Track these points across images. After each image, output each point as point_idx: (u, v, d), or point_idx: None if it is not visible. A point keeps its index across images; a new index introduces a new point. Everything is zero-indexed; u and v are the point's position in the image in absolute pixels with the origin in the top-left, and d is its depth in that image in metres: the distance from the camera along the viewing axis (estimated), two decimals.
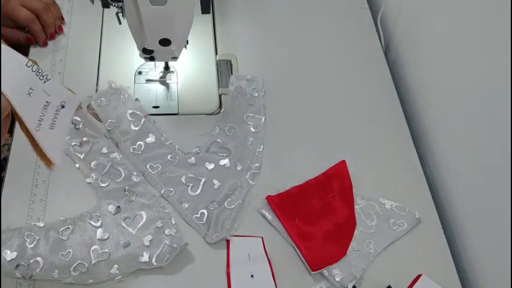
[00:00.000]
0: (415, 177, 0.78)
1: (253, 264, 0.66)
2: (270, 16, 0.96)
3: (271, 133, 0.80)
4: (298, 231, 0.69)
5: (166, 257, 0.65)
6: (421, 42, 0.87)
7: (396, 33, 0.95)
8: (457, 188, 0.77)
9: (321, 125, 0.82)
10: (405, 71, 0.92)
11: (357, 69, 0.90)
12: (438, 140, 0.82)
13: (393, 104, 0.86)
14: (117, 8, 0.72)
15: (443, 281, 0.67)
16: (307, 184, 0.74)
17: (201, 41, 0.90)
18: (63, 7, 0.89)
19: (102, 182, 0.71)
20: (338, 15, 0.97)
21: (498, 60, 0.65)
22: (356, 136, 0.81)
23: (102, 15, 0.90)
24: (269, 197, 0.72)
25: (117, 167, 0.72)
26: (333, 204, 0.73)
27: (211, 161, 0.75)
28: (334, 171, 0.76)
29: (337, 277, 0.66)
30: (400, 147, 0.81)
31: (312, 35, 0.93)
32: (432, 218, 0.74)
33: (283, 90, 0.85)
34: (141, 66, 0.85)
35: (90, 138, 0.74)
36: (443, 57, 0.80)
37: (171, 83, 0.84)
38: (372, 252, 0.69)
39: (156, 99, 0.82)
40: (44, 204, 0.68)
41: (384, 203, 0.74)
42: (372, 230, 0.71)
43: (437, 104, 0.82)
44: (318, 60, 0.90)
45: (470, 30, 0.71)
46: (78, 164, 0.72)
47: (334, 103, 0.85)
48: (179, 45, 0.73)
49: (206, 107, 0.82)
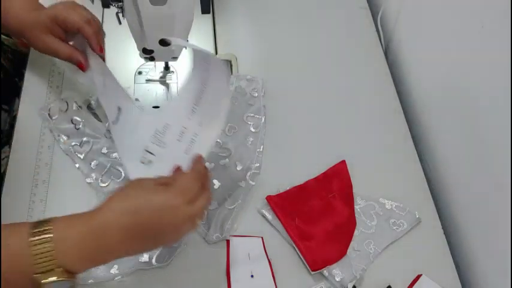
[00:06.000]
0: (415, 177, 0.78)
1: (253, 264, 0.66)
2: (270, 16, 0.96)
3: (271, 133, 0.80)
4: (298, 231, 0.69)
5: (166, 257, 0.65)
6: (421, 42, 0.87)
7: (396, 33, 0.95)
8: (457, 188, 0.77)
9: (321, 125, 0.82)
10: (405, 71, 0.92)
11: (357, 69, 0.90)
12: (438, 140, 0.82)
13: (393, 104, 0.86)
14: (117, 8, 0.72)
15: (443, 281, 0.67)
16: (307, 184, 0.74)
17: (201, 41, 0.90)
18: None
19: (102, 182, 0.71)
20: (338, 15, 0.97)
21: (498, 60, 0.65)
22: (356, 136, 0.81)
23: (102, 15, 0.90)
24: (269, 197, 0.72)
25: (117, 167, 0.72)
26: (333, 204, 0.73)
27: (211, 161, 0.75)
28: (334, 171, 0.76)
29: (337, 277, 0.66)
30: (400, 147, 0.81)
31: (312, 35, 0.93)
32: (432, 218, 0.74)
33: (283, 90, 0.85)
34: (141, 66, 0.85)
35: (90, 138, 0.74)
36: (443, 57, 0.80)
37: (171, 83, 0.84)
38: (371, 252, 0.69)
39: (156, 99, 0.82)
40: (44, 204, 0.68)
41: (384, 203, 0.74)
42: (372, 230, 0.71)
43: (437, 104, 0.82)
44: (318, 60, 0.90)
45: (470, 30, 0.71)
46: (78, 164, 0.72)
47: (334, 103, 0.85)
48: (179, 45, 0.73)
49: None
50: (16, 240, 0.50)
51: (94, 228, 0.51)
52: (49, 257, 0.49)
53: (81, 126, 0.75)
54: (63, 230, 0.51)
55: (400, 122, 0.84)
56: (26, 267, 0.49)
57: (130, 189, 0.55)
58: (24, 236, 0.50)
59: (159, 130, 0.68)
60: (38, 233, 0.50)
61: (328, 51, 0.91)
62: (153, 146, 0.68)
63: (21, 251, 0.49)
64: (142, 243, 0.54)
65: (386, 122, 0.84)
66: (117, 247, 0.53)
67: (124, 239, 0.52)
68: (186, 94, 0.70)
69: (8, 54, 0.87)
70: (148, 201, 0.53)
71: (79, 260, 0.51)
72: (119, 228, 0.52)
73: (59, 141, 0.73)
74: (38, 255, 0.49)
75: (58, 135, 0.73)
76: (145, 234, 0.53)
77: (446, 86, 0.79)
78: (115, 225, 0.52)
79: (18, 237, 0.50)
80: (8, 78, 0.85)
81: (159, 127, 0.69)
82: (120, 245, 0.52)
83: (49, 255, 0.49)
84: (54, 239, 0.49)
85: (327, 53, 0.91)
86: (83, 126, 0.75)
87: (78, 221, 0.52)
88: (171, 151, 0.67)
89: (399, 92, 0.88)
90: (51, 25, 0.71)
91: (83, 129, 0.74)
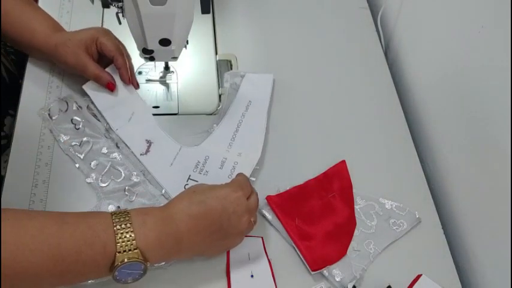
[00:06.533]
0: (415, 177, 0.78)
1: (253, 264, 0.66)
2: (270, 16, 0.96)
3: (271, 133, 0.80)
4: (298, 231, 0.69)
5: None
6: (421, 42, 0.87)
7: (396, 33, 0.95)
8: (457, 188, 0.77)
9: (321, 125, 0.82)
10: (405, 71, 0.92)
11: (357, 69, 0.90)
12: (438, 140, 0.82)
13: (393, 104, 0.86)
14: (117, 8, 0.72)
15: (443, 281, 0.67)
16: (307, 184, 0.74)
17: (201, 41, 0.90)
18: (63, 7, 0.89)
19: (102, 182, 0.71)
20: (338, 15, 0.97)
21: (498, 60, 0.65)
22: (356, 136, 0.81)
23: (102, 15, 0.90)
24: (269, 197, 0.72)
25: (117, 167, 0.72)
26: (333, 204, 0.73)
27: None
28: (334, 171, 0.76)
29: (337, 277, 0.66)
30: (400, 147, 0.81)
31: (312, 35, 0.93)
32: (432, 218, 0.74)
33: (283, 90, 0.85)
34: (141, 66, 0.85)
35: (90, 138, 0.74)
36: (443, 57, 0.80)
37: (171, 83, 0.84)
38: (371, 252, 0.69)
39: (156, 99, 0.82)
40: (44, 204, 0.68)
41: (384, 203, 0.74)
42: (372, 230, 0.71)
43: (437, 104, 0.82)
44: (318, 60, 0.90)
45: (470, 30, 0.71)
46: (78, 164, 0.72)
47: (334, 103, 0.85)
48: (179, 45, 0.73)
49: (206, 107, 0.82)
50: (99, 220, 0.54)
51: (166, 216, 0.58)
52: (129, 237, 0.53)
53: (81, 126, 0.75)
54: (141, 216, 0.56)
55: (400, 122, 0.84)
56: (106, 246, 0.53)
57: (196, 187, 0.62)
58: (106, 216, 0.55)
59: (200, 162, 0.74)
60: (118, 215, 0.55)
61: (328, 51, 0.91)
62: (196, 174, 0.73)
63: (104, 229, 0.53)
64: (209, 235, 0.59)
65: (387, 122, 0.84)
66: (186, 236, 0.58)
67: (192, 226, 0.58)
68: (222, 131, 0.77)
69: (12, 56, 0.87)
70: (213, 193, 0.61)
71: (154, 244, 0.55)
72: (188, 215, 0.58)
73: (59, 141, 0.73)
74: (119, 234, 0.53)
75: (58, 135, 0.73)
76: (211, 223, 0.59)
77: (446, 86, 0.79)
78: (185, 212, 0.58)
79: (102, 217, 0.55)
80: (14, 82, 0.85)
81: (200, 159, 0.74)
82: (188, 233, 0.58)
83: (129, 235, 0.54)
84: (133, 221, 0.55)
85: (327, 53, 0.91)
86: (82, 126, 0.75)
87: (152, 210, 0.58)
88: (214, 177, 0.72)
89: (399, 92, 0.88)
90: (90, 43, 0.74)
91: (82, 129, 0.74)
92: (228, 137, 0.77)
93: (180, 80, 0.84)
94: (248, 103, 0.81)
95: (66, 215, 0.54)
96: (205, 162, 0.74)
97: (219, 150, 0.75)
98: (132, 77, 0.78)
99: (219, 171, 0.73)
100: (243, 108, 0.80)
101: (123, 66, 0.76)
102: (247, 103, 0.81)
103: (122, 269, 0.53)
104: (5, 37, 0.75)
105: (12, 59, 0.87)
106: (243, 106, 0.80)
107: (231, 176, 0.73)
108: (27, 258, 0.49)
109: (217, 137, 0.77)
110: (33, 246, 0.49)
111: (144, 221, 0.56)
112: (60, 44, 0.73)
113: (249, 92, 0.82)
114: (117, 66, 0.76)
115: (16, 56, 0.88)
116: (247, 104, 0.80)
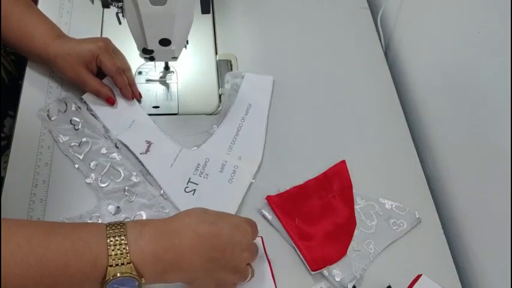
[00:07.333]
0: (415, 177, 0.78)
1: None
2: (270, 16, 0.96)
3: (271, 133, 0.80)
4: (298, 231, 0.69)
5: None
6: (421, 42, 0.87)
7: (396, 33, 0.95)
8: (457, 187, 0.77)
9: (321, 125, 0.82)
10: (405, 71, 0.92)
11: (357, 69, 0.90)
12: (438, 140, 0.82)
13: (393, 104, 0.86)
14: (117, 8, 0.72)
15: (443, 281, 0.67)
16: (307, 184, 0.74)
17: (201, 41, 0.90)
18: (63, 7, 0.89)
19: (101, 182, 0.71)
20: (338, 15, 0.97)
21: (498, 60, 0.65)
22: (356, 136, 0.81)
23: (102, 15, 0.90)
24: (269, 197, 0.72)
25: (116, 167, 0.72)
26: (333, 204, 0.73)
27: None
28: (334, 171, 0.76)
29: (337, 277, 0.66)
30: (400, 147, 0.81)
31: (312, 35, 0.93)
32: (432, 218, 0.74)
33: (282, 90, 0.85)
34: (141, 66, 0.85)
35: (89, 139, 0.74)
36: (443, 57, 0.80)
37: (171, 83, 0.84)
38: (372, 252, 0.69)
39: (156, 99, 0.82)
40: (44, 204, 0.68)
41: (384, 203, 0.74)
42: (372, 230, 0.71)
43: (437, 103, 0.82)
44: (318, 60, 0.90)
45: (470, 30, 0.71)
46: (78, 164, 0.72)
47: (334, 103, 0.85)
48: (179, 45, 0.73)
49: (206, 107, 0.82)
50: (91, 231, 0.51)
51: (168, 228, 0.54)
52: (122, 249, 0.50)
53: (80, 126, 0.75)
54: (139, 227, 0.53)
55: (400, 122, 0.84)
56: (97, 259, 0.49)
57: (207, 209, 0.58)
58: (101, 227, 0.52)
59: (200, 164, 0.74)
60: (113, 227, 0.52)
61: (328, 51, 0.91)
62: (196, 177, 0.73)
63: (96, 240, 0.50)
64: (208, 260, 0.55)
65: (386, 122, 0.84)
66: (188, 253, 0.53)
67: (196, 244, 0.54)
68: (222, 133, 0.77)
69: (12, 57, 0.87)
70: (226, 218, 0.58)
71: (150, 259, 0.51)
72: (195, 232, 0.54)
73: (58, 142, 0.73)
74: (112, 246, 0.50)
75: (57, 136, 0.73)
76: (216, 246, 0.55)
77: (446, 86, 0.79)
78: (192, 229, 0.54)
79: (95, 228, 0.52)
80: (14, 83, 0.85)
81: (200, 162, 0.74)
82: (190, 251, 0.53)
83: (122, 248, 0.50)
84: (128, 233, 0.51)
85: (327, 53, 0.91)
86: (82, 127, 0.75)
87: (152, 221, 0.55)
88: (215, 180, 0.73)
89: (399, 92, 0.88)
90: (90, 59, 0.74)
91: (81, 129, 0.74)
92: (229, 139, 0.77)
93: (180, 80, 0.84)
94: (248, 106, 0.81)
95: (58, 225, 0.52)
96: (205, 165, 0.74)
97: (219, 153, 0.75)
98: (134, 90, 0.79)
99: (219, 174, 0.73)
100: (243, 111, 0.80)
101: (123, 86, 0.77)
102: (248, 106, 0.81)
103: (113, 284, 0.50)
104: (5, 42, 0.75)
105: (12, 59, 0.87)
106: (243, 109, 0.80)
107: (231, 180, 0.73)
108: (12, 270, 0.46)
109: (217, 139, 0.77)
110: (19, 258, 0.47)
111: (141, 233, 0.52)
112: (59, 56, 0.73)
113: (249, 94, 0.82)
114: (118, 86, 0.77)
115: (16, 57, 0.88)
116: (247, 108, 0.80)
